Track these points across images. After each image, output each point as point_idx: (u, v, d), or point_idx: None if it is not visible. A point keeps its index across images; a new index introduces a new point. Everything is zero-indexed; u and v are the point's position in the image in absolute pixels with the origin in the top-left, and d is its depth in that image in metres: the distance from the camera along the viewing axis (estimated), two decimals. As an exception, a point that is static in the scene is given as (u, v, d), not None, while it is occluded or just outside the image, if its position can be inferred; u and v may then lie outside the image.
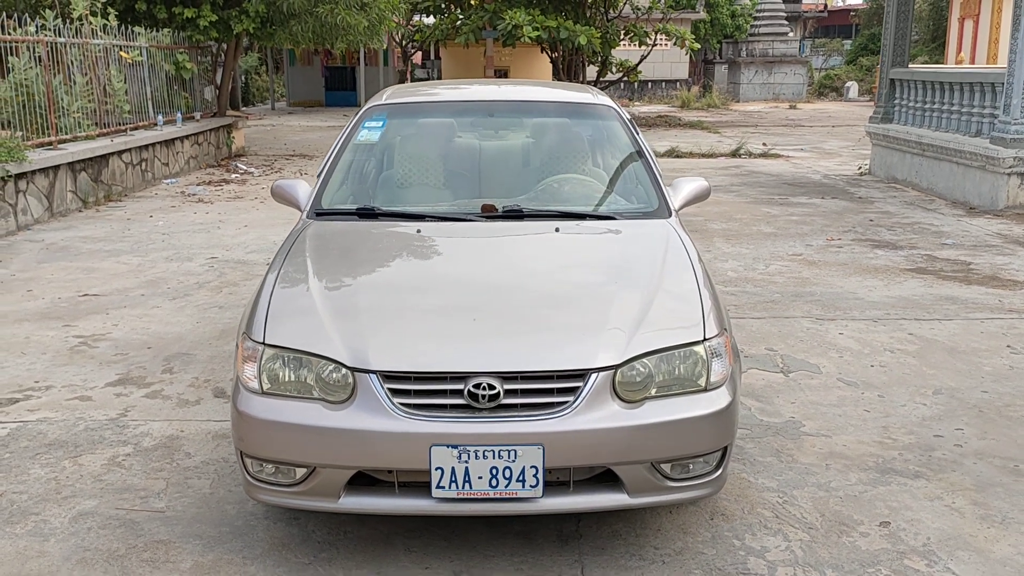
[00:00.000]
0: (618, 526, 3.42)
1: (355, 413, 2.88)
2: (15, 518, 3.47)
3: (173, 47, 13.75)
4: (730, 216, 10.17)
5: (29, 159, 9.18)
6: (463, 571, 3.13)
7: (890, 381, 4.96)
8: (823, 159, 15.81)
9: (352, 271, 3.50)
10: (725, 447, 3.08)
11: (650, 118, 24.92)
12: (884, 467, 3.94)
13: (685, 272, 3.43)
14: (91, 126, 11.22)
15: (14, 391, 4.78)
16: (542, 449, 2.83)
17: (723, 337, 3.15)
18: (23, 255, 8.11)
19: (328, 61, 29.42)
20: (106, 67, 11.79)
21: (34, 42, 10.16)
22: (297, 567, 3.15)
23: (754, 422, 4.40)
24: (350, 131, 4.43)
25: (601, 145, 4.49)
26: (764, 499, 3.65)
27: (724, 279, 7.20)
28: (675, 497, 3.06)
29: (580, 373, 2.91)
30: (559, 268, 3.55)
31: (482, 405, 2.86)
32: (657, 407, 2.96)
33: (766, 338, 5.70)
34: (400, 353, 2.95)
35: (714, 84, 34.87)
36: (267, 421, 2.94)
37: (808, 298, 6.64)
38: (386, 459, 2.88)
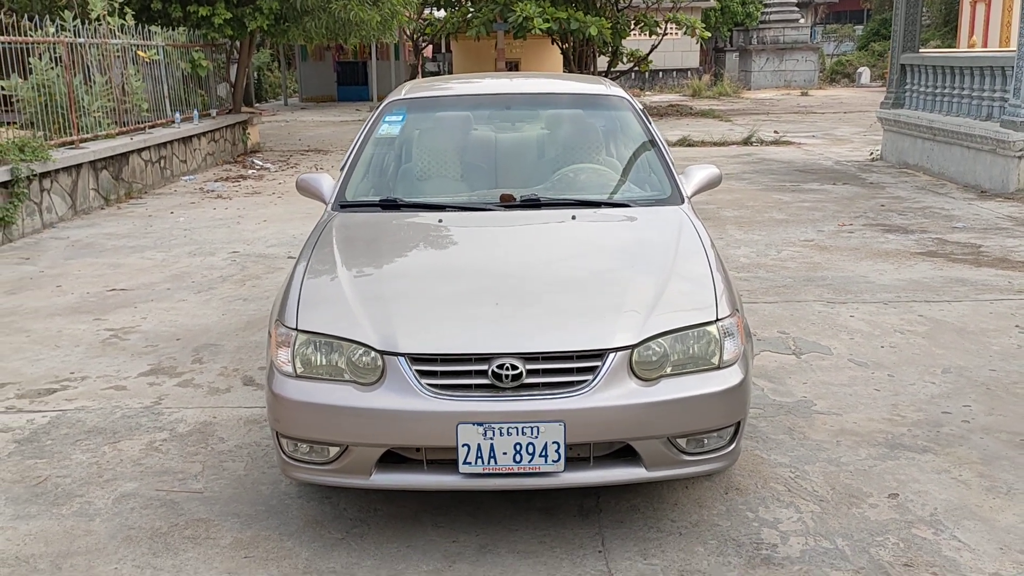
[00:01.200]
0: (636, 501, 3.57)
1: (385, 394, 3.03)
2: (60, 500, 3.65)
3: (188, 45, 13.93)
4: (742, 203, 10.27)
5: (53, 158, 9.38)
6: (489, 544, 3.28)
7: (900, 361, 5.08)
8: (835, 145, 15.87)
9: (377, 260, 3.66)
10: (738, 422, 3.22)
11: (661, 107, 24.98)
12: (893, 442, 4.06)
13: (698, 256, 3.56)
14: (111, 125, 11.41)
15: (51, 382, 4.95)
16: (563, 426, 2.98)
17: (735, 317, 3.28)
18: (50, 252, 8.30)
19: (340, 56, 29.59)
20: (124, 66, 11.98)
21: (53, 43, 10.35)
22: (331, 542, 3.31)
23: (767, 402, 4.53)
24: (371, 126, 4.58)
25: (615, 135, 4.62)
26: (777, 474, 3.79)
27: (737, 265, 7.32)
28: (691, 470, 3.20)
29: (599, 353, 3.06)
30: (576, 254, 3.69)
31: (506, 385, 3.00)
32: (672, 384, 3.10)
33: (778, 321, 5.82)
34: (427, 336, 3.10)
35: (725, 72, 34.88)
36: (301, 403, 3.10)
37: (819, 282, 6.75)
38: (415, 437, 3.03)
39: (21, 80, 10.70)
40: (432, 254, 3.75)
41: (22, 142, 9.06)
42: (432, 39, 26.78)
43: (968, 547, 3.24)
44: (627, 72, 25.05)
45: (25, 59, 10.33)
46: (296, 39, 14.82)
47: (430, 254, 3.75)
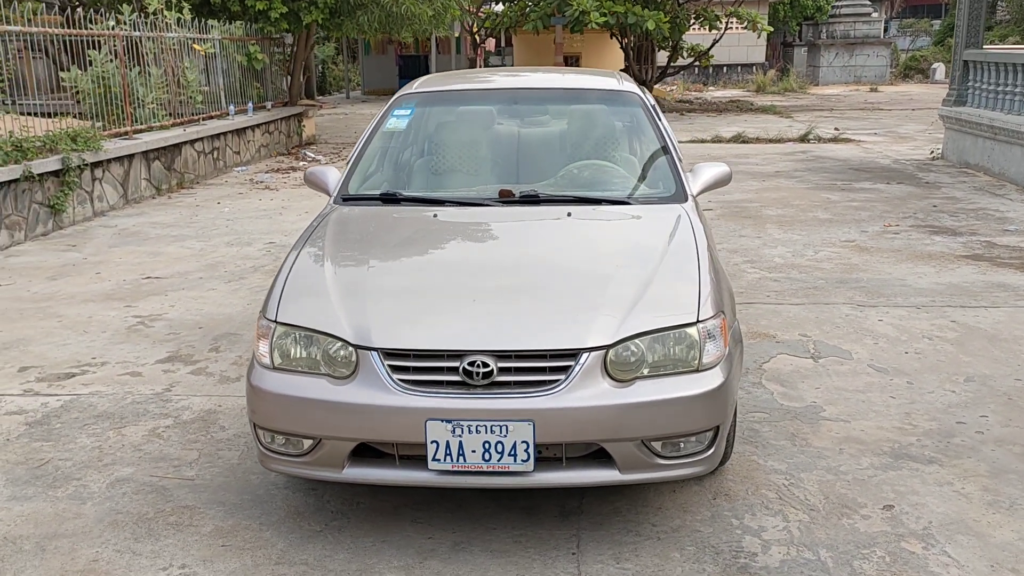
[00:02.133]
0: (620, 503, 3.52)
1: (357, 388, 3.04)
2: (58, 483, 3.74)
3: (245, 39, 14.16)
4: (788, 202, 10.07)
5: (104, 148, 9.62)
6: (464, 542, 3.27)
7: (922, 368, 4.93)
8: (896, 143, 15.46)
9: (365, 254, 3.67)
10: (717, 426, 3.15)
11: (721, 103, 24.62)
12: (898, 452, 3.94)
13: (688, 255, 3.50)
14: (165, 116, 11.67)
15: (72, 366, 5.09)
16: (532, 425, 2.95)
17: (719, 319, 3.21)
18: (96, 240, 8.52)
19: (402, 50, 29.80)
20: (180, 59, 12.23)
21: (111, 36, 10.61)
22: (309, 534, 3.33)
23: (774, 406, 4.43)
24: (380, 119, 4.59)
25: (622, 131, 4.56)
26: (770, 481, 3.70)
27: (770, 265, 7.19)
28: (667, 474, 3.14)
29: (572, 353, 3.02)
30: (565, 251, 3.65)
31: (476, 382, 2.98)
32: (647, 386, 3.04)
33: (801, 324, 5.69)
34: (400, 332, 3.10)
35: (792, 68, 34.21)
36: (277, 395, 3.12)
37: (853, 285, 6.58)
38: (385, 432, 3.04)
39: (81, 72, 11.02)
40: (419, 249, 3.74)
41: (75, 132, 9.32)
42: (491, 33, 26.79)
43: (957, 563, 3.12)
44: (687, 67, 24.77)
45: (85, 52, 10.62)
46: (350, 32, 14.96)
47: (417, 249, 3.74)
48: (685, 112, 22.67)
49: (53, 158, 8.77)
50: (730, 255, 7.56)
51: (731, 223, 8.95)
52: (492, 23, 23.58)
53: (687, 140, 16.44)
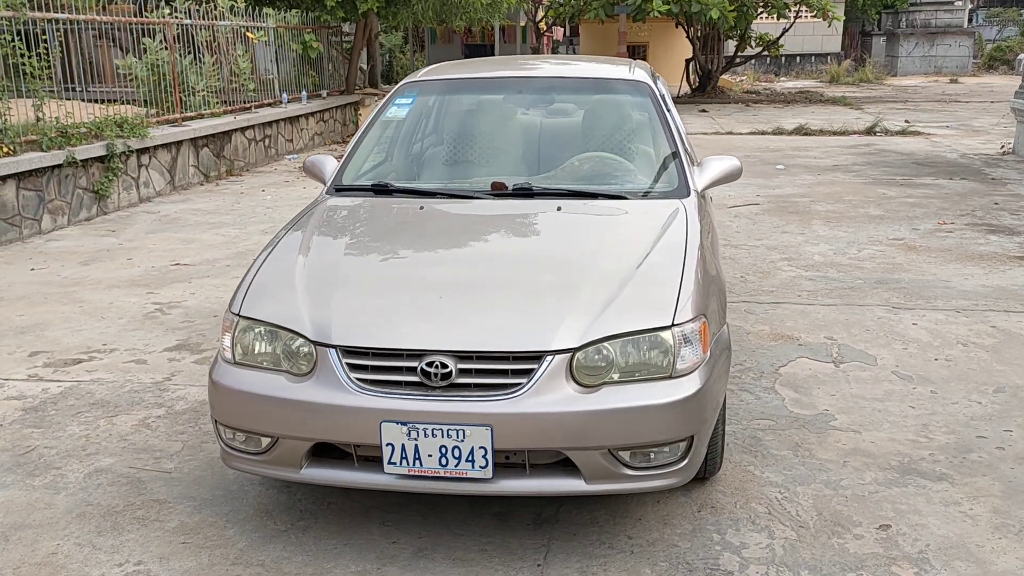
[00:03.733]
0: (598, 512, 3.36)
1: (313, 386, 2.94)
2: (38, 471, 3.73)
3: (301, 27, 14.23)
4: (840, 197, 9.70)
5: (151, 135, 9.74)
6: (428, 548, 3.15)
7: (950, 376, 4.64)
8: (967, 137, 14.83)
9: (341, 247, 3.56)
10: (691, 436, 2.96)
11: (790, 94, 24.01)
12: (907, 467, 3.70)
13: (674, 254, 3.31)
14: (217, 104, 11.78)
15: (81, 352, 5.11)
16: (490, 430, 2.81)
17: (698, 323, 3.02)
18: (136, 226, 8.63)
19: (468, 39, 29.74)
20: (233, 47, 12.33)
21: (163, 24, 10.73)
22: (273, 533, 3.25)
23: (782, 413, 4.21)
24: (381, 108, 4.49)
25: (629, 122, 4.37)
26: (763, 494, 3.50)
27: (808, 263, 6.90)
28: (635, 486, 2.97)
29: (536, 355, 2.87)
30: (546, 248, 3.49)
31: (434, 383, 2.86)
32: (614, 392, 2.88)
33: (829, 326, 5.43)
34: (360, 329, 2.98)
35: (870, 58, 33.22)
36: (234, 391, 3.04)
37: (892, 285, 6.27)
38: (340, 433, 2.93)
39: (136, 60, 11.19)
40: (396, 243, 3.62)
41: (121, 119, 9.46)
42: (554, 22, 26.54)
43: (949, 592, 2.90)
44: (755, 57, 24.22)
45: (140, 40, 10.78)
46: (405, 20, 14.93)
47: (394, 243, 3.62)
48: (751, 103, 22.16)
49: (98, 144, 8.90)
50: (768, 252, 7.30)
51: (776, 218, 8.65)
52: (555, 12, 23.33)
53: (747, 132, 16.05)
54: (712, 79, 23.21)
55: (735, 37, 22.94)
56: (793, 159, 12.72)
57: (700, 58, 23.07)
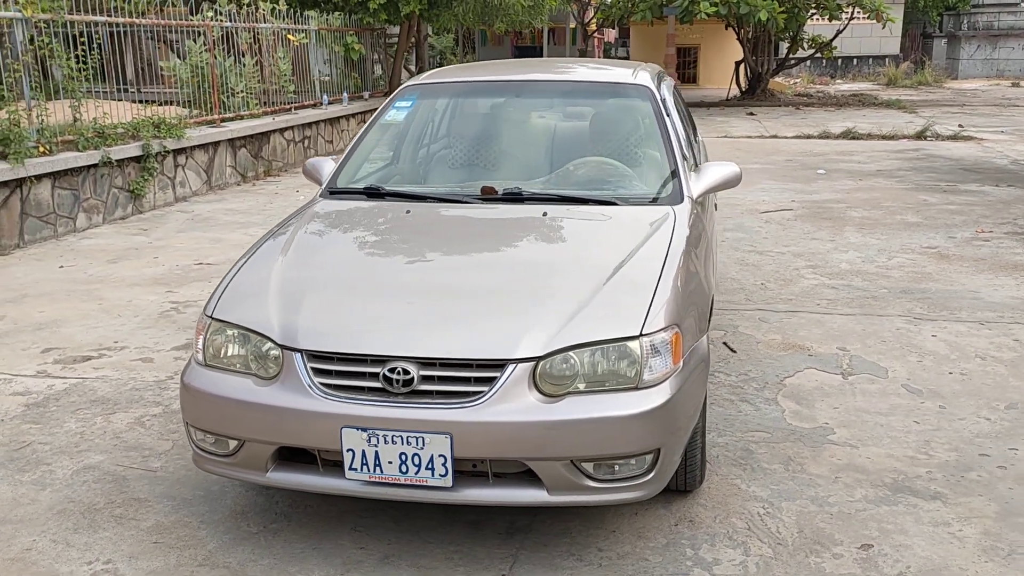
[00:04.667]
0: (573, 523, 3.31)
1: (278, 390, 2.94)
2: (28, 467, 3.79)
3: (343, 29, 14.34)
4: (878, 203, 9.48)
5: (187, 136, 9.89)
6: (394, 555, 3.13)
7: (962, 391, 4.49)
8: (1021, 143, 14.42)
9: (320, 250, 3.56)
10: (658, 449, 2.90)
11: (843, 97, 23.59)
12: (901, 485, 3.58)
13: (652, 262, 3.24)
14: (256, 105, 11.93)
15: (92, 349, 5.19)
16: (450, 438, 2.78)
17: (670, 333, 2.95)
18: (168, 225, 8.77)
19: (518, 41, 29.76)
20: (274, 50, 12.48)
21: (204, 27, 10.90)
22: (244, 535, 3.26)
23: (779, 426, 4.11)
24: (380, 111, 4.49)
25: (628, 126, 4.30)
26: (745, 509, 3.41)
27: (833, 271, 6.75)
28: (599, 498, 2.91)
29: (499, 363, 2.83)
30: (524, 254, 3.45)
31: (396, 390, 2.83)
32: (578, 403, 2.83)
33: (844, 336, 5.29)
34: (326, 333, 2.97)
35: (930, 60, 32.48)
36: (203, 392, 3.05)
37: (917, 295, 6.10)
38: (303, 437, 2.92)
39: (179, 61, 11.40)
40: (374, 247, 3.60)
41: (158, 119, 9.62)
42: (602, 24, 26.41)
43: (923, 618, 2.79)
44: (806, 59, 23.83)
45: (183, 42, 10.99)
46: (447, 23, 14.98)
47: (373, 247, 3.61)
48: (801, 106, 21.82)
49: (134, 144, 9.07)
50: (793, 259, 7.15)
51: (807, 224, 8.48)
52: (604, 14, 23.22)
53: (792, 136, 15.80)
54: (762, 81, 22.90)
55: (786, 39, 22.60)
56: (836, 164, 12.47)
57: (750, 60, 22.77)
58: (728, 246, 7.62)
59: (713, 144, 14.95)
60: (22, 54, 7.94)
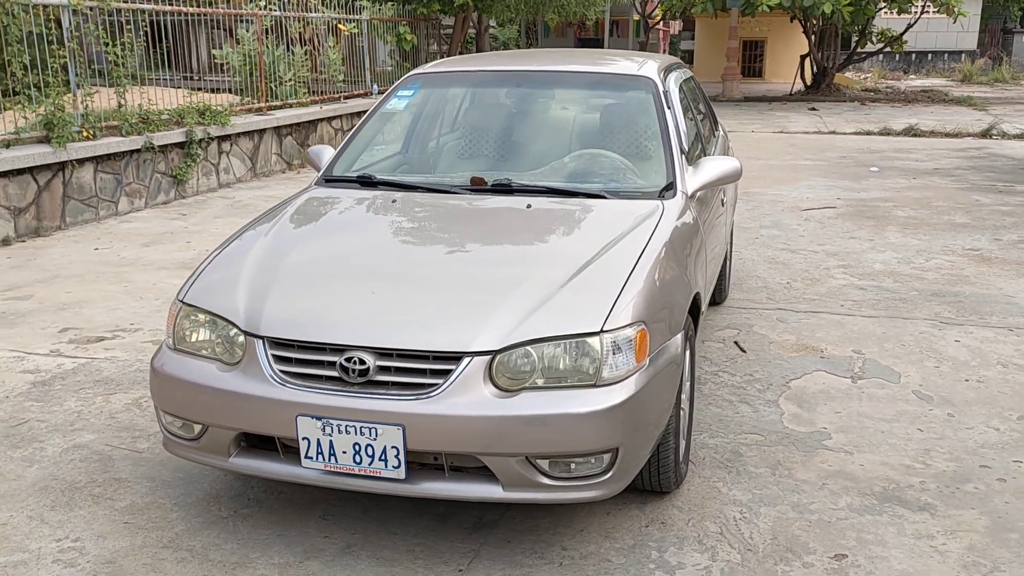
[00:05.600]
0: (542, 520, 3.26)
1: (239, 376, 2.94)
2: (22, 444, 3.87)
3: (395, 20, 14.40)
4: (927, 203, 9.19)
5: (232, 123, 10.03)
6: (357, 545, 3.12)
7: (975, 399, 4.31)
8: (1092, 143, 13.83)
9: (296, 239, 3.56)
10: (615, 448, 2.83)
11: (912, 93, 22.92)
12: (889, 494, 3.44)
13: (627, 256, 3.17)
14: (305, 94, 12.06)
15: (108, 331, 5.30)
16: (402, 430, 2.75)
17: (635, 329, 2.88)
18: (208, 210, 8.91)
19: (581, 33, 29.57)
20: (324, 39, 12.59)
21: (252, 15, 11.05)
22: (214, 519, 3.28)
23: (775, 428, 4.00)
24: (383, 100, 4.47)
25: (627, 119, 4.21)
26: (721, 512, 3.32)
27: (865, 272, 6.55)
28: (555, 496, 2.86)
29: (456, 356, 2.79)
30: (499, 246, 3.40)
31: (352, 379, 2.82)
32: (533, 398, 2.77)
33: (862, 339, 5.12)
34: (288, 321, 2.97)
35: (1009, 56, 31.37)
36: (169, 376, 3.08)
37: (948, 298, 5.88)
38: (260, 424, 2.92)
39: (231, 50, 11.58)
40: (350, 236, 3.59)
41: (204, 107, 9.78)
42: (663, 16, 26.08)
43: (885, 634, 2.68)
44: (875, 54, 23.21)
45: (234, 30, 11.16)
46: (499, 14, 14.95)
47: (349, 236, 3.59)
48: (867, 102, 21.27)
49: (178, 131, 9.23)
50: (826, 258, 6.96)
51: (848, 223, 8.25)
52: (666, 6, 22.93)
53: (851, 132, 15.42)
54: (827, 76, 22.38)
55: (855, 33, 22.04)
56: (891, 161, 12.13)
57: (815, 54, 22.26)
58: (760, 243, 7.46)
59: (767, 139, 14.68)
60: (68, 41, 8.13)
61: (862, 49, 22.65)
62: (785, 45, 27.98)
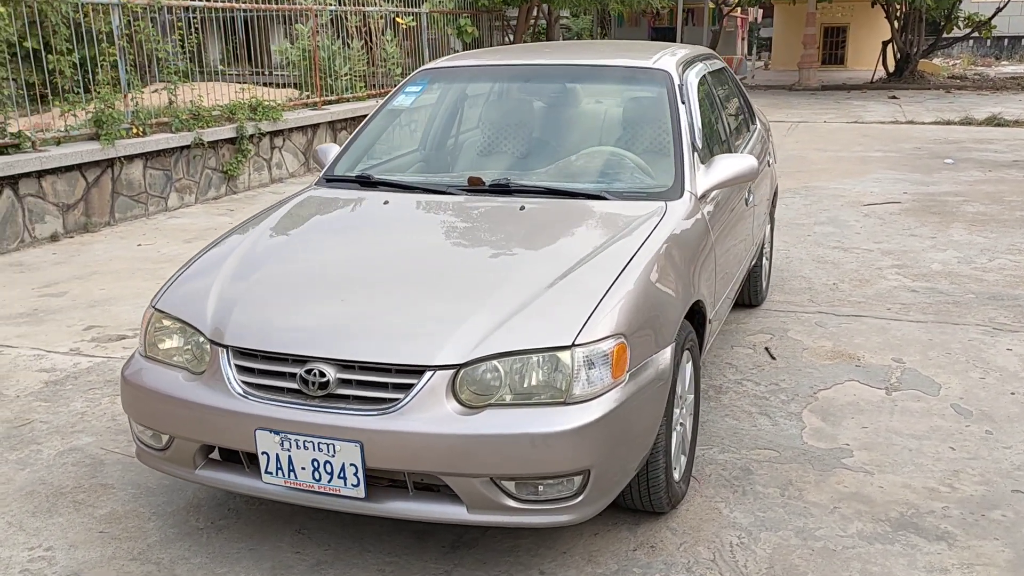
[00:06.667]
0: (523, 541, 3.09)
1: (201, 387, 2.85)
2: (20, 446, 3.87)
3: (456, 12, 14.30)
4: (1000, 198, 8.68)
5: (284, 118, 10.06)
6: (327, 562, 3.00)
7: (1019, 415, 3.99)
8: None
9: (279, 242, 3.44)
10: (587, 470, 2.64)
11: (1001, 80, 21.90)
12: (906, 520, 3.18)
13: (613, 262, 2.97)
14: (362, 88, 12.04)
15: (130, 328, 5.30)
16: (360, 447, 2.62)
17: (612, 343, 2.68)
18: (256, 205, 8.92)
19: (655, 22, 29.04)
20: (382, 33, 12.56)
21: (306, 10, 11.07)
22: (188, 531, 3.20)
23: (792, 444, 3.74)
24: (390, 96, 4.34)
25: (639, 114, 4.00)
26: (718, 537, 3.10)
27: (921, 272, 6.18)
28: (522, 520, 2.68)
29: (417, 369, 2.64)
30: (483, 251, 3.22)
31: (312, 392, 2.69)
32: (498, 416, 2.60)
33: (904, 347, 4.80)
34: (251, 330, 2.85)
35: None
36: (135, 385, 3.00)
37: (1007, 302, 5.50)
38: (221, 437, 2.82)
39: (289, 45, 11.64)
40: (334, 239, 3.46)
41: (256, 102, 9.82)
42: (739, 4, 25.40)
43: None
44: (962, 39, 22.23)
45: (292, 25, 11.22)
46: (560, 5, 14.68)
47: (332, 239, 3.46)
48: (953, 89, 20.39)
49: (228, 127, 9.28)
50: (881, 257, 6.60)
51: (911, 219, 7.83)
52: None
53: (930, 121, 14.76)
54: (911, 63, 21.52)
55: (940, 17, 21.13)
56: (968, 153, 11.54)
57: (898, 40, 21.42)
58: (812, 241, 7.12)
59: (839, 130, 14.14)
60: (117, 39, 8.22)
61: (948, 34, 21.70)
62: (868, 31, 27.03)
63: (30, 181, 7.23)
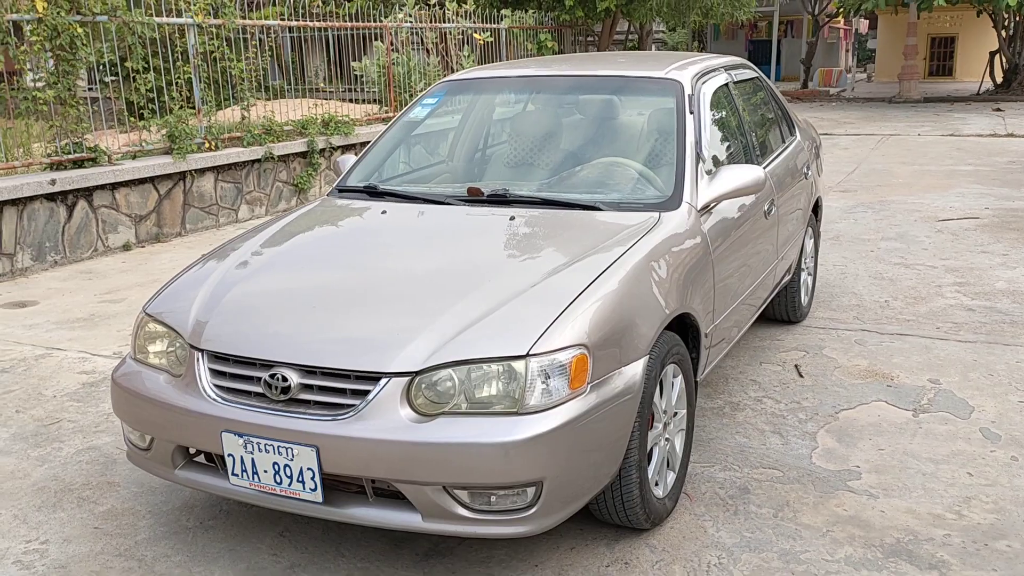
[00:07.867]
0: (498, 552, 3.06)
1: (177, 389, 2.93)
2: (44, 443, 4.04)
3: (536, 27, 14.36)
4: (1086, 213, 8.21)
5: (356, 133, 10.28)
6: (300, 565, 3.03)
7: (1054, 441, 3.75)
8: None
9: (269, 251, 3.49)
10: (540, 481, 2.60)
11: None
12: (900, 548, 3.02)
13: (586, 272, 2.93)
14: (439, 103, 12.19)
15: (174, 336, 5.48)
16: (316, 452, 2.65)
17: (570, 353, 2.64)
18: (323, 218, 9.14)
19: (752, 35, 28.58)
20: (458, 49, 12.72)
21: (381, 27, 11.30)
22: (176, 530, 3.28)
23: (798, 464, 3.61)
24: (408, 108, 4.40)
25: (647, 125, 3.94)
26: (697, 556, 3.01)
27: (983, 291, 5.89)
28: (476, 530, 2.66)
29: (374, 376, 2.66)
30: (462, 260, 3.21)
31: (274, 396, 2.74)
32: (450, 424, 2.59)
33: (945, 367, 4.58)
34: (225, 335, 2.92)
35: None
36: (121, 386, 3.10)
37: (1068, 322, 5.19)
38: (193, 438, 2.89)
39: (368, 62, 11.92)
40: (321, 250, 3.51)
41: (328, 117, 10.07)
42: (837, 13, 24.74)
43: None
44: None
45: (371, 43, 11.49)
46: (641, 18, 14.59)
47: (318, 248, 3.51)
48: (1063, 101, 19.40)
49: (299, 141, 9.54)
50: (943, 274, 6.32)
51: (985, 235, 7.48)
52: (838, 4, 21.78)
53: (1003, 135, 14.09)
54: (1020, 74, 20.57)
55: (1052, 25, 20.17)
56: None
57: (1006, 50, 20.53)
58: (873, 257, 6.86)
59: (931, 143, 13.63)
60: (192, 58, 8.56)
61: (1061, 43, 20.68)
62: (977, 41, 26.01)
63: (104, 193, 7.58)
